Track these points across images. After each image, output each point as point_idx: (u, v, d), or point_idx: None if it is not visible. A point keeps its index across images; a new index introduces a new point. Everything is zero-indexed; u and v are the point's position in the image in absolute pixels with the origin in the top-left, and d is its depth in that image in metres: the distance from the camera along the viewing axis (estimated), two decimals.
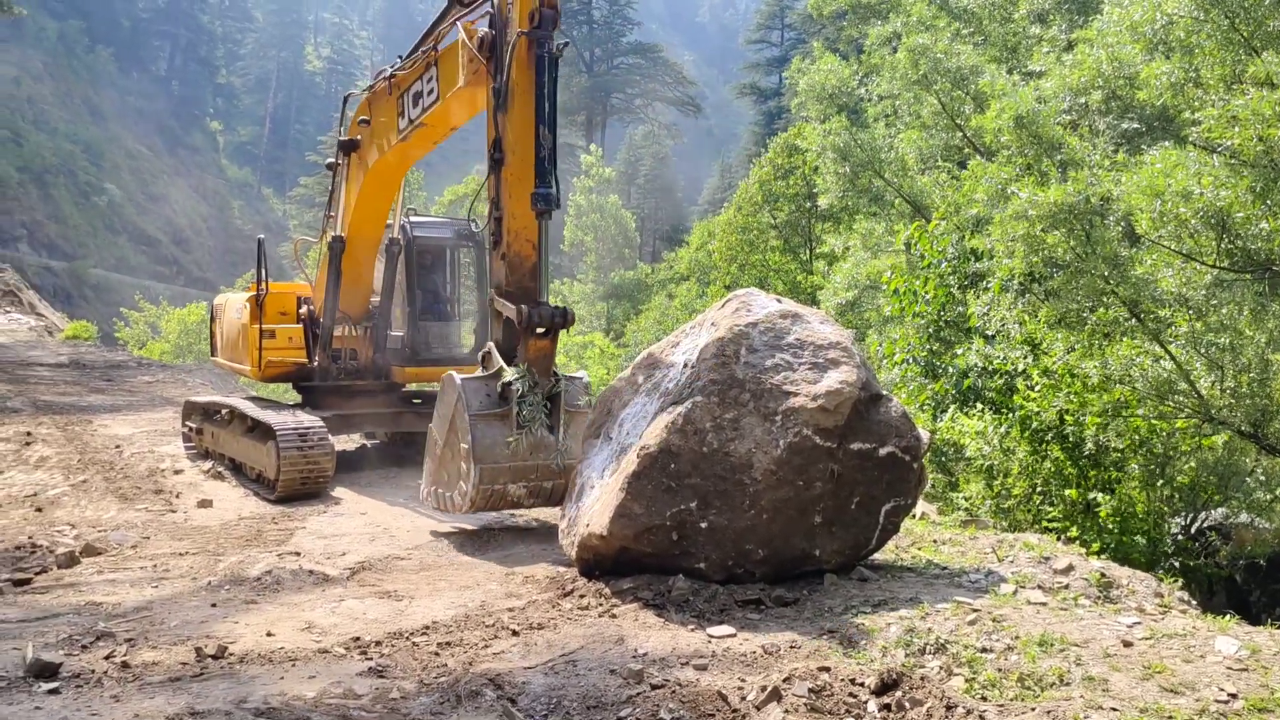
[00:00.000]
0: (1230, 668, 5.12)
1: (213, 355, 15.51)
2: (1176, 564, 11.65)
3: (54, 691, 5.32)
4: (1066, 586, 6.61)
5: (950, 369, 14.03)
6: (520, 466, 8.37)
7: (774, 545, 6.84)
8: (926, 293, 15.26)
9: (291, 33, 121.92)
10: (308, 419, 11.41)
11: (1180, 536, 12.38)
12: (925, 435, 7.27)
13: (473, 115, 10.09)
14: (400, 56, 10.74)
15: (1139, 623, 5.84)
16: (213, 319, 15.35)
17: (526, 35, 8.23)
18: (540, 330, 8.34)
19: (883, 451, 6.90)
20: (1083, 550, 8.38)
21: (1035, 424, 11.72)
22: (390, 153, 11.18)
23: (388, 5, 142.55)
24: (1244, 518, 12.95)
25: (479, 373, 8.68)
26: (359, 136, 11.66)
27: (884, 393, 7.21)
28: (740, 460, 6.75)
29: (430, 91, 9.88)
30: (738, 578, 6.85)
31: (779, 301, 7.55)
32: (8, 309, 39.73)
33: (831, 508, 6.89)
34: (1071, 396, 11.35)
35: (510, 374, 8.35)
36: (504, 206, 8.41)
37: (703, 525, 6.78)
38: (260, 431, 11.53)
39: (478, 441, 8.23)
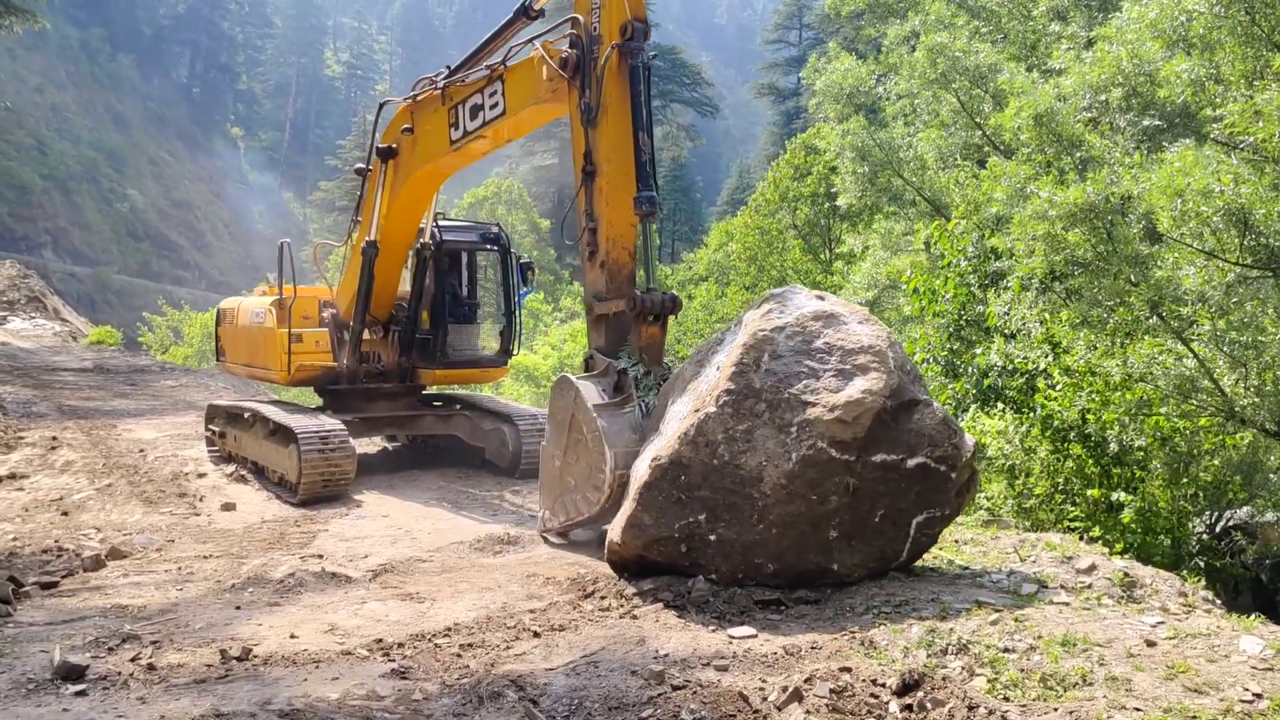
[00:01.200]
0: (1255, 667, 5.08)
1: (219, 360, 15.37)
2: (1201, 564, 11.54)
3: (81, 693, 5.38)
4: (1089, 586, 6.58)
5: (970, 368, 13.96)
6: None
7: (785, 559, 6.74)
8: (946, 292, 15.19)
9: (311, 38, 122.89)
10: (329, 422, 11.50)
11: (1204, 536, 12.27)
12: (970, 441, 6.86)
13: (536, 128, 10.08)
14: (448, 67, 10.85)
15: (1163, 622, 5.81)
16: (219, 323, 15.28)
17: (620, 48, 8.34)
18: (651, 318, 8.41)
19: (911, 463, 6.62)
20: (1105, 550, 8.32)
21: (1057, 423, 11.65)
22: (433, 162, 11.29)
23: (406, 10, 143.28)
24: (1269, 516, 12.81)
25: (586, 374, 8.61)
26: (396, 144, 11.73)
27: (922, 398, 6.84)
28: (750, 473, 6.66)
29: (494, 106, 9.94)
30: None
31: (819, 300, 7.29)
32: (33, 314, 40.16)
33: (850, 521, 6.67)
34: (1093, 395, 11.28)
35: (624, 361, 8.33)
36: (600, 215, 8.46)
37: (711, 538, 6.76)
38: (282, 435, 11.62)
39: (607, 428, 8.00)
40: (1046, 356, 12.46)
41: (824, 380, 6.69)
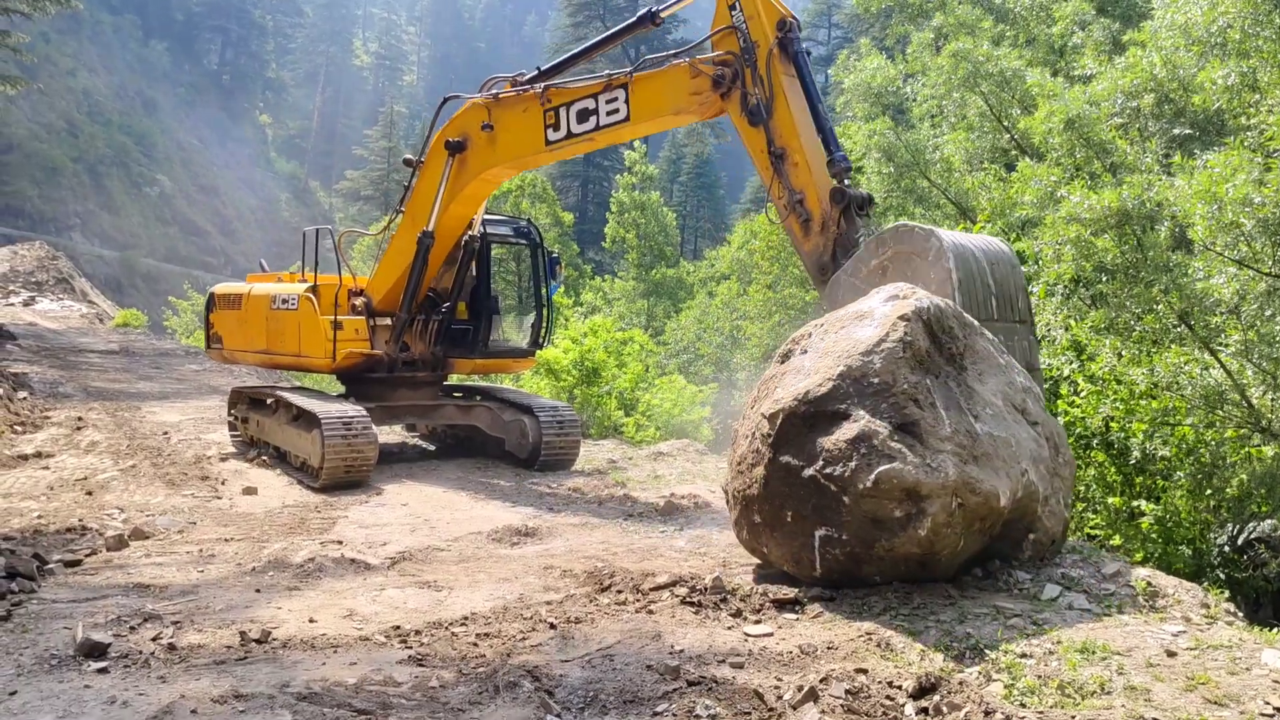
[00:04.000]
0: (1277, 680, 5.03)
1: (212, 346, 15.08)
2: (1222, 575, 11.43)
3: (103, 671, 5.44)
4: (1111, 594, 6.52)
5: None
6: None
7: (738, 526, 7.44)
8: None
9: (340, 27, 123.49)
10: (352, 409, 11.56)
11: (1226, 548, 12.14)
12: (887, 472, 6.28)
13: (651, 134, 10.67)
14: (539, 68, 11.24)
15: (1184, 632, 5.76)
16: (211, 309, 15.05)
17: (781, 42, 9.06)
18: (858, 207, 8.71)
19: (806, 473, 6.64)
20: (1126, 558, 8.26)
21: (1079, 430, 11.56)
22: (516, 160, 11.67)
23: (435, 2, 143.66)
24: None
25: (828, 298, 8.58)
26: (465, 139, 11.79)
27: (856, 414, 6.56)
28: (734, 444, 7.44)
29: (613, 112, 10.32)
30: None
31: (886, 300, 7.19)
32: (61, 296, 40.60)
33: (767, 512, 6.95)
34: (1118, 403, 11.19)
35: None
36: (803, 186, 8.89)
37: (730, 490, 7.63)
38: (305, 420, 11.69)
39: (945, 236, 7.96)
40: (1071, 363, 12.37)
41: (798, 377, 7.06)
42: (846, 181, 8.79)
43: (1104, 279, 12.53)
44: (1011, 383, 7.32)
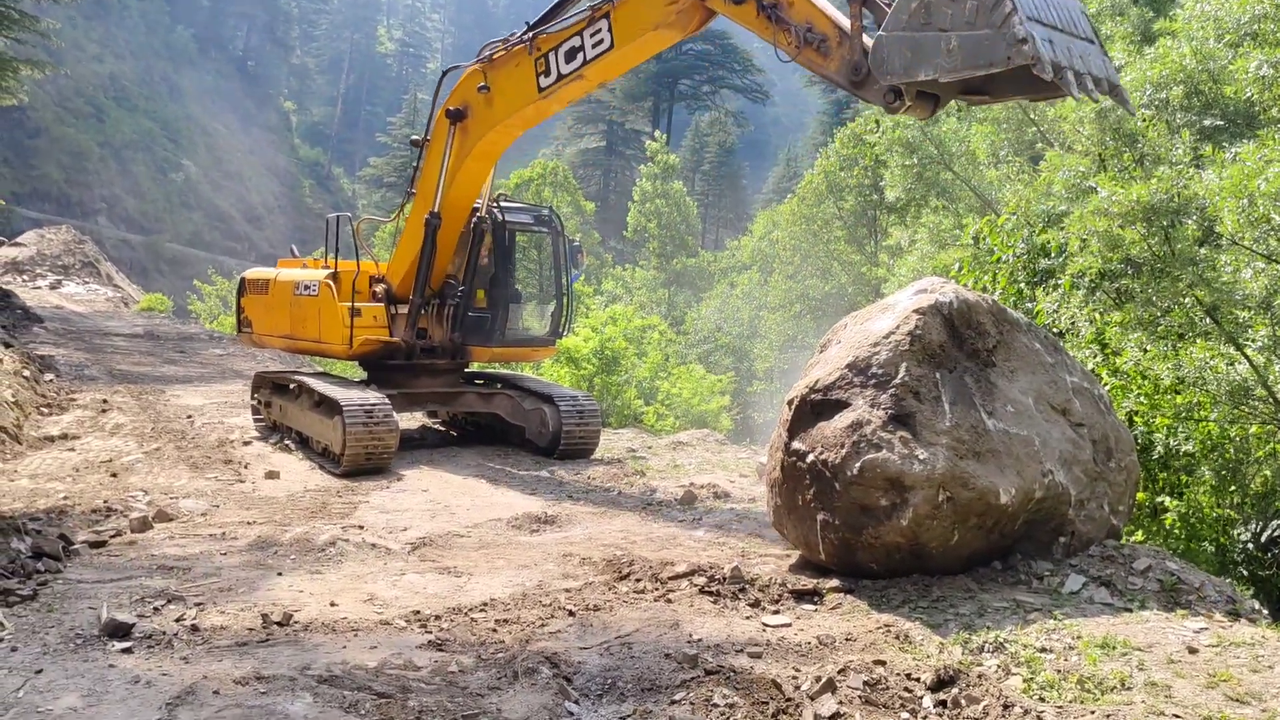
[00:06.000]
0: None
1: (242, 331, 15.19)
2: (1245, 573, 11.34)
3: (127, 651, 5.51)
4: (1133, 588, 6.49)
5: None
6: None
7: (769, 509, 7.69)
8: (995, 289, 14.99)
9: (365, 14, 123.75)
10: (373, 396, 11.60)
11: (1250, 545, 12.04)
12: (862, 463, 6.52)
13: (638, 63, 11.20)
14: (527, 22, 11.09)
15: (1206, 629, 5.72)
16: (242, 294, 15.14)
17: None
18: None
19: (809, 458, 6.87)
20: (1159, 552, 8.20)
21: None
22: (514, 115, 11.44)
23: None
24: None
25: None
26: (465, 105, 11.70)
27: (855, 403, 6.77)
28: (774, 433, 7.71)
29: (599, 43, 10.25)
30: None
31: (917, 294, 7.29)
32: (87, 280, 40.97)
33: (786, 494, 7.21)
34: (1142, 398, 11.09)
35: None
36: (806, 17, 8.50)
37: None
38: (327, 406, 11.75)
39: None
40: (1095, 357, 12.27)
41: (820, 367, 7.30)
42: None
43: (1130, 272, 12.42)
44: (1055, 382, 7.22)
